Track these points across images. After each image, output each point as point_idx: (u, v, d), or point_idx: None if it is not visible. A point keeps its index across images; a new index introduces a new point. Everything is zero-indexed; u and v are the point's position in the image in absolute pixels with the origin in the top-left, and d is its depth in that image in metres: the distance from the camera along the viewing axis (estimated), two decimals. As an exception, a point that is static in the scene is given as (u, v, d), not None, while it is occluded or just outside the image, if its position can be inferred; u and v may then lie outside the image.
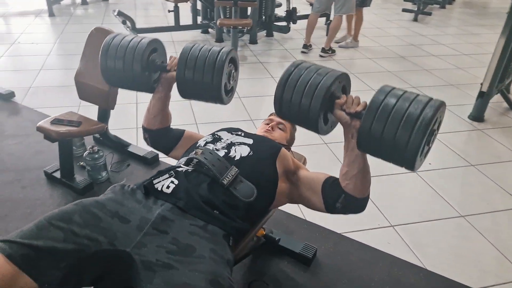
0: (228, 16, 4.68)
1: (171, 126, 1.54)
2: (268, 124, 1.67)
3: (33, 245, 0.94)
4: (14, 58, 4.19)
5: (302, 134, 1.61)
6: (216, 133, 1.45)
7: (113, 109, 2.26)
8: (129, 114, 3.01)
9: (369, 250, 1.90)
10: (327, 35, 4.73)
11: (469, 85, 3.88)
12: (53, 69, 3.90)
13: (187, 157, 1.30)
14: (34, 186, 2.22)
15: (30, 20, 5.48)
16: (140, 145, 2.62)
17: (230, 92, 1.43)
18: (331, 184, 1.25)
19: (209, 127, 2.72)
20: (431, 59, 4.74)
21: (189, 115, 3.08)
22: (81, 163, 2.37)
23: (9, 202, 2.09)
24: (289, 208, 2.13)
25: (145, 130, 1.51)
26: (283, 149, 1.40)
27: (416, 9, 6.49)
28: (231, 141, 1.37)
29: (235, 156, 1.30)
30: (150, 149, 2.55)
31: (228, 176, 1.21)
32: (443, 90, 3.85)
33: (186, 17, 5.17)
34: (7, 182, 2.25)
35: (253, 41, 5.02)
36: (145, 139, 1.53)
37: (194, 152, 1.30)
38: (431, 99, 1.01)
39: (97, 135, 2.59)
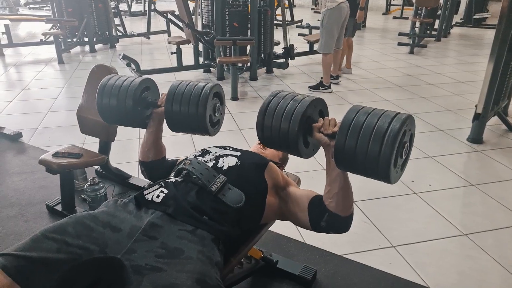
0: (228, 55, 4.86)
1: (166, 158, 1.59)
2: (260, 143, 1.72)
3: (27, 257, 0.97)
4: (24, 102, 4.35)
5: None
6: (205, 148, 1.50)
7: (113, 141, 2.33)
8: (131, 150, 3.08)
9: (370, 271, 1.87)
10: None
11: (466, 110, 3.93)
12: (60, 111, 4.04)
13: (177, 168, 1.34)
14: (37, 220, 2.25)
15: (41, 68, 5.73)
16: (141, 177, 2.67)
17: (216, 124, 1.53)
18: (317, 202, 1.30)
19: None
20: (428, 87, 4.83)
21: (190, 149, 3.14)
22: (83, 196, 2.40)
23: (12, 236, 2.12)
24: (289, 231, 2.13)
25: (141, 163, 1.58)
26: (271, 163, 1.44)
27: (411, 42, 6.69)
28: (219, 154, 1.43)
29: (223, 166, 1.35)
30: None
31: (216, 184, 1.25)
32: (441, 115, 3.90)
33: (189, 59, 5.39)
34: (11, 216, 2.28)
35: (253, 77, 5.17)
36: (142, 172, 1.60)
37: (182, 163, 1.34)
38: (398, 113, 1.08)
39: (98, 168, 2.64)
